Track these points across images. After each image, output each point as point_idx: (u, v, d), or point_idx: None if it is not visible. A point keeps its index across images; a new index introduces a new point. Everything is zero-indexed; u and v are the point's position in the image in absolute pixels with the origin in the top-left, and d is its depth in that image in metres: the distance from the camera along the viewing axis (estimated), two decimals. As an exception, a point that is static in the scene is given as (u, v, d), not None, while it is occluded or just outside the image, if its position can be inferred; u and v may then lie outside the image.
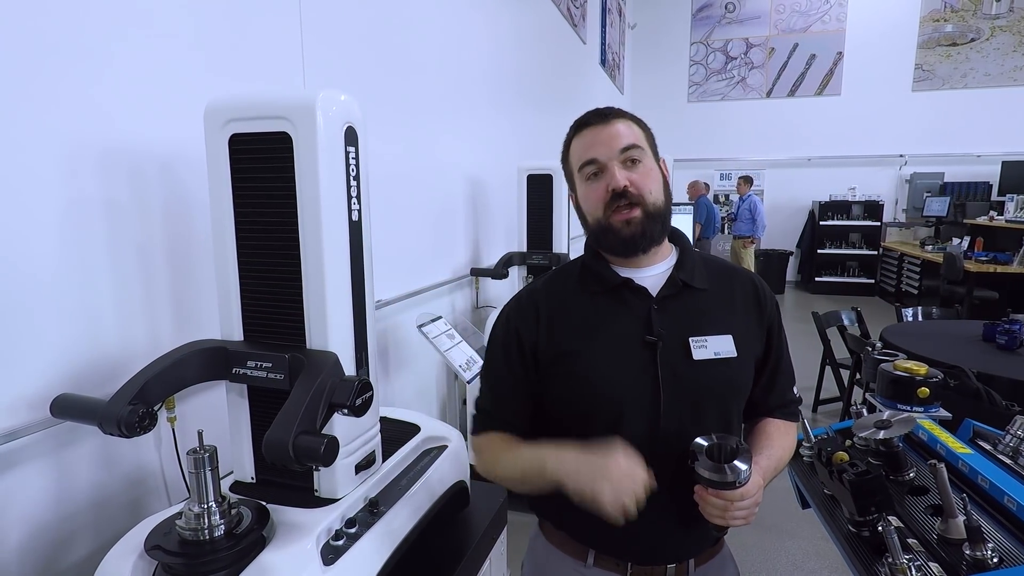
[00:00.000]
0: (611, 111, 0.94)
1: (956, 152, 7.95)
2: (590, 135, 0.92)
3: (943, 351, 2.59)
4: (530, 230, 2.80)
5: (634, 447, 0.87)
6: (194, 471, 0.81)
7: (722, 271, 1.00)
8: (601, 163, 0.90)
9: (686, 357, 0.89)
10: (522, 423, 0.96)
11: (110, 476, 1.12)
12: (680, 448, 0.86)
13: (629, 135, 0.91)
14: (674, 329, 0.90)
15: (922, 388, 1.22)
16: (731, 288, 0.97)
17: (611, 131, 0.90)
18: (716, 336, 0.91)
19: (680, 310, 0.92)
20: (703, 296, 0.94)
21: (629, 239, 0.90)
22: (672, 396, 0.88)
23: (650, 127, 0.98)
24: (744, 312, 0.96)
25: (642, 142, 0.92)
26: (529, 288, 1.01)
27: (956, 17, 7.87)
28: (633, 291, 0.93)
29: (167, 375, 0.87)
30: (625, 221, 0.89)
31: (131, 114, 1.13)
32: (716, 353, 0.89)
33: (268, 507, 0.90)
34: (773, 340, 0.98)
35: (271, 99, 0.87)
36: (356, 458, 0.98)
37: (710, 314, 0.93)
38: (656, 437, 0.88)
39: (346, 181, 0.90)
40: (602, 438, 0.88)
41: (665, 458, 0.87)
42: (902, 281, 7.39)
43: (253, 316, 0.95)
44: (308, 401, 0.77)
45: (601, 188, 0.90)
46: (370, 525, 0.92)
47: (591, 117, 0.94)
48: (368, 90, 1.99)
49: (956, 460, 1.06)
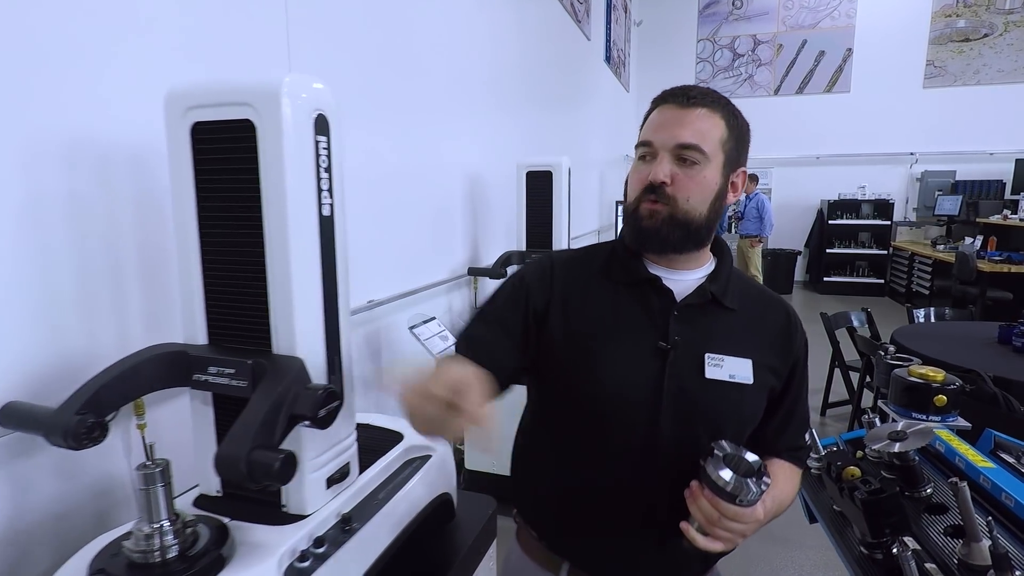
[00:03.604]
0: (696, 95, 0.83)
1: (968, 150, 7.80)
2: (663, 114, 0.84)
3: (957, 354, 2.50)
4: (529, 229, 2.73)
5: (623, 458, 0.81)
6: (143, 487, 0.74)
7: (756, 296, 0.92)
8: (655, 149, 0.83)
9: (698, 373, 0.82)
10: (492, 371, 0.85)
11: (74, 487, 1.06)
12: (673, 467, 0.80)
13: (697, 133, 0.81)
14: (691, 340, 0.83)
15: (939, 396, 1.14)
16: (762, 315, 0.90)
17: (683, 119, 0.82)
18: (734, 358, 0.83)
19: (702, 322, 0.85)
20: (730, 316, 0.87)
21: (643, 231, 0.84)
22: (673, 411, 0.81)
23: (748, 126, 0.89)
24: (770, 342, 0.88)
25: (711, 145, 0.82)
26: (553, 257, 0.94)
27: (969, 12, 7.73)
28: (657, 291, 0.86)
29: (121, 382, 0.81)
30: (649, 212, 0.83)
31: (97, 103, 1.07)
32: (731, 376, 0.82)
33: (230, 524, 0.84)
34: (795, 379, 0.90)
35: (234, 84, 0.80)
36: (328, 471, 0.91)
37: (733, 335, 0.86)
38: (648, 451, 0.81)
39: (316, 173, 0.83)
40: (591, 439, 0.82)
41: (654, 475, 0.81)
42: (913, 281, 7.26)
43: (218, 318, 0.88)
44: (266, 412, 0.70)
45: (643, 174, 0.84)
46: (341, 544, 0.85)
47: (673, 95, 0.85)
48: (363, 84, 1.93)
49: (977, 475, 0.98)
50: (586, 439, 0.84)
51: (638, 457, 0.82)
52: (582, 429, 0.84)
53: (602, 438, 0.83)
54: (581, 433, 0.84)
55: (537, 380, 0.92)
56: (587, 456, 0.86)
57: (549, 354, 0.86)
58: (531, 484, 0.96)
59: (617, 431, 0.83)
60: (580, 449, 0.87)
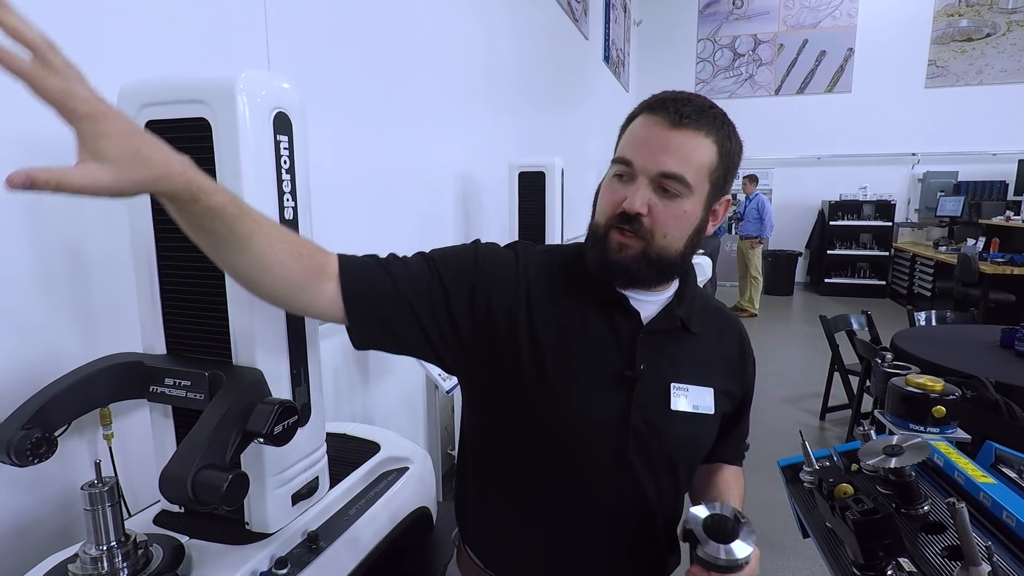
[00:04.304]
0: (690, 112, 0.72)
1: (971, 150, 7.74)
2: (650, 128, 0.73)
3: (958, 359, 2.45)
4: (522, 231, 2.69)
5: (588, 498, 0.78)
6: (90, 508, 0.70)
7: (713, 316, 0.88)
8: (634, 171, 0.73)
9: (663, 404, 0.77)
10: (373, 303, 0.71)
11: (35, 500, 1.02)
12: (637, 506, 0.77)
13: (684, 161, 0.71)
14: (657, 369, 0.78)
15: (938, 407, 1.09)
16: (719, 337, 0.87)
17: (669, 142, 0.72)
18: (697, 388, 0.80)
19: (667, 348, 0.80)
20: (694, 341, 0.83)
21: (610, 263, 0.75)
22: (638, 446, 0.76)
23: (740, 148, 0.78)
24: (728, 367, 0.86)
25: (697, 175, 0.73)
26: (520, 250, 0.82)
27: (971, 12, 7.66)
28: (624, 311, 0.79)
29: (72, 395, 0.77)
30: (619, 244, 0.74)
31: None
32: (695, 407, 0.79)
33: (189, 543, 0.80)
34: (747, 401, 0.90)
35: (188, 81, 0.76)
36: (294, 486, 0.87)
37: (696, 361, 0.82)
38: (618, 490, 0.77)
39: (276, 174, 0.79)
40: (549, 466, 0.77)
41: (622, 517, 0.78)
42: (914, 283, 7.21)
43: (176, 327, 0.84)
44: (214, 428, 0.66)
45: (618, 196, 0.74)
46: (306, 564, 0.81)
47: (664, 107, 0.73)
48: (350, 83, 1.89)
49: (977, 492, 0.93)
50: (543, 467, 0.78)
51: (606, 500, 0.78)
52: (539, 456, 0.78)
53: (562, 467, 0.77)
54: (537, 460, 0.77)
55: (482, 390, 0.82)
56: (543, 490, 0.79)
57: (502, 361, 0.76)
58: (478, 516, 0.88)
59: (578, 462, 0.77)
60: (536, 481, 0.79)
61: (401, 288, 0.73)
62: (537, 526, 0.80)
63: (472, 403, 0.86)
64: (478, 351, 0.77)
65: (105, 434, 1.01)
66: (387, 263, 0.75)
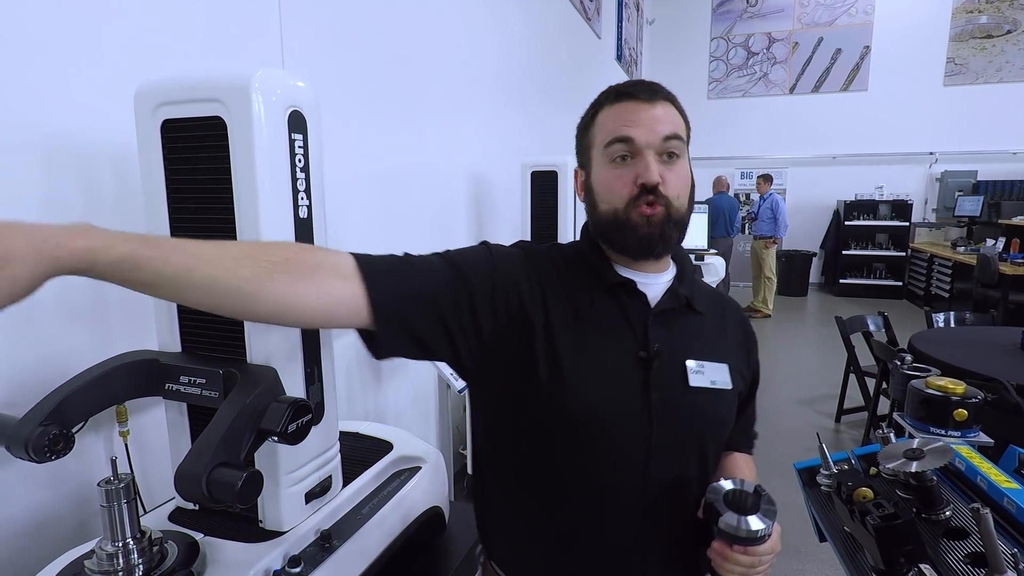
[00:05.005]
0: (660, 88, 0.80)
1: (990, 149, 7.62)
2: (630, 110, 0.78)
3: (978, 361, 2.40)
4: (534, 230, 2.67)
5: (618, 487, 0.75)
6: (106, 505, 0.71)
7: (714, 298, 0.90)
8: (637, 147, 0.76)
9: (682, 382, 0.77)
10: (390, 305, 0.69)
11: (53, 495, 1.03)
12: (669, 492, 0.75)
13: (673, 125, 0.78)
14: (671, 348, 0.78)
15: (959, 410, 1.07)
16: (723, 317, 0.88)
17: (657, 113, 0.77)
18: (713, 363, 0.79)
19: (678, 328, 0.81)
20: (701, 320, 0.83)
21: (646, 238, 0.77)
22: (663, 427, 0.75)
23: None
24: (736, 345, 0.87)
25: (683, 134, 0.80)
26: (526, 248, 0.85)
27: (991, 8, 7.54)
28: (631, 295, 0.80)
29: (89, 392, 0.77)
30: (646, 218, 0.76)
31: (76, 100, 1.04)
32: (712, 382, 0.78)
33: (203, 540, 0.80)
34: (756, 381, 0.91)
35: (204, 80, 0.77)
36: (307, 485, 0.87)
37: (707, 339, 0.82)
38: (646, 476, 0.75)
39: (291, 173, 0.79)
40: (573, 460, 0.76)
41: (654, 502, 0.76)
42: (932, 284, 7.10)
43: (191, 325, 0.85)
44: (229, 426, 0.66)
45: (629, 177, 0.77)
46: (319, 563, 0.81)
47: (636, 88, 0.79)
48: (365, 81, 1.89)
49: (1001, 497, 0.91)
50: (570, 463, 0.77)
51: (637, 487, 0.76)
52: (564, 451, 0.77)
53: (589, 460, 0.76)
54: (563, 456, 0.77)
55: (500, 390, 0.81)
56: (572, 487, 0.78)
57: (521, 356, 0.76)
58: (504, 529, 0.87)
59: (605, 460, 0.76)
60: (563, 480, 0.78)
61: (429, 288, 0.72)
62: (568, 529, 0.79)
63: (488, 411, 0.85)
64: (497, 349, 0.76)
65: (121, 431, 1.01)
66: (411, 261, 0.75)
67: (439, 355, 0.76)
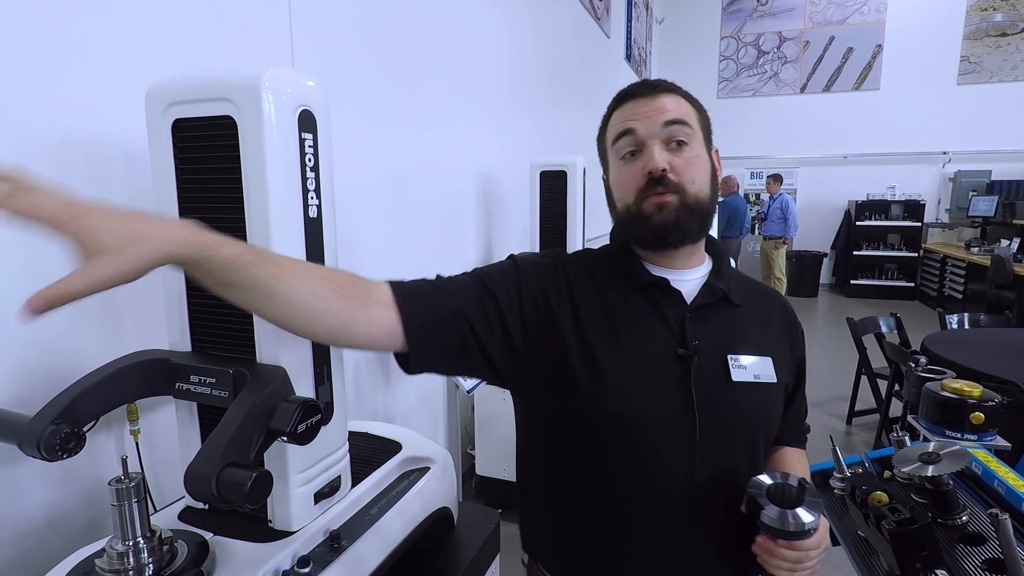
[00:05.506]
0: (661, 83, 0.80)
1: (1005, 149, 7.52)
2: (632, 107, 0.79)
3: (992, 363, 2.37)
4: (543, 230, 2.67)
5: (664, 486, 0.75)
6: (117, 503, 0.71)
7: (755, 290, 0.88)
8: (640, 138, 0.77)
9: (724, 378, 0.76)
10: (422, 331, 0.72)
11: (64, 494, 1.04)
12: (716, 489, 0.74)
13: (677, 111, 0.78)
14: (710, 344, 0.77)
15: (976, 413, 1.06)
16: (765, 309, 0.86)
17: (658, 104, 0.78)
18: (756, 357, 0.78)
19: (716, 323, 0.80)
20: (740, 313, 0.82)
21: (659, 227, 0.77)
22: (708, 424, 0.74)
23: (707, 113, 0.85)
24: (779, 337, 0.84)
25: (692, 121, 0.79)
26: (554, 256, 0.86)
27: (1006, 6, 7.44)
28: (665, 293, 0.79)
29: (100, 391, 0.77)
30: (658, 206, 0.76)
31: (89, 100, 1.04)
32: (756, 376, 0.76)
33: (212, 540, 0.80)
34: (802, 372, 0.88)
35: (214, 79, 0.77)
36: (316, 485, 0.87)
37: (747, 333, 0.81)
38: (692, 474, 0.74)
39: (301, 172, 0.79)
40: (620, 468, 0.75)
41: (701, 501, 0.75)
42: (945, 285, 7.02)
43: (202, 325, 0.85)
44: (239, 426, 0.66)
45: (636, 170, 0.77)
46: (328, 563, 0.81)
47: (637, 88, 0.81)
48: (374, 81, 1.89)
49: (1019, 502, 0.90)
50: (617, 464, 0.76)
51: (683, 486, 0.75)
52: (610, 453, 0.76)
53: (630, 458, 0.75)
54: (609, 458, 0.76)
55: (541, 399, 0.82)
56: (620, 487, 0.77)
57: (556, 363, 0.77)
58: (554, 531, 0.86)
59: (650, 460, 0.75)
60: (612, 481, 0.78)
61: (458, 306, 0.74)
62: (613, 528, 0.79)
63: (531, 417, 0.86)
64: (532, 357, 0.77)
65: (132, 430, 1.02)
66: (439, 284, 0.77)
67: (476, 370, 0.78)
